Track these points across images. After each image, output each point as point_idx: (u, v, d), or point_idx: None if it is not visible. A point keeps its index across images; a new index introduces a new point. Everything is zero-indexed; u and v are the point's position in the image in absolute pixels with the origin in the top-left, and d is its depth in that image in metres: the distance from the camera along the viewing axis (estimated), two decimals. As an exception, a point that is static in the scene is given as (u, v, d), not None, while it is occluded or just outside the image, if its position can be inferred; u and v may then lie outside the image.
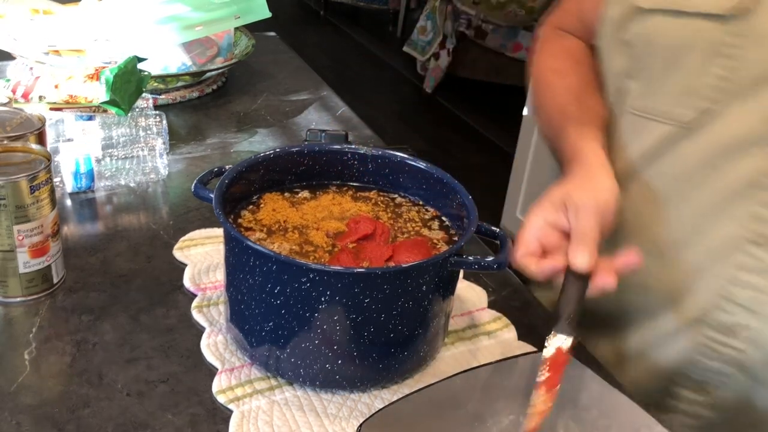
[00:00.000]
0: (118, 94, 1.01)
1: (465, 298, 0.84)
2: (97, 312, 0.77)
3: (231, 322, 0.71)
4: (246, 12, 1.34)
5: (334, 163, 0.82)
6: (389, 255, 0.70)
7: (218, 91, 1.37)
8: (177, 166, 1.09)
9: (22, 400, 0.65)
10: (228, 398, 0.67)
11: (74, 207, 0.96)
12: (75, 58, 1.22)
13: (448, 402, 0.65)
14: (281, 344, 0.67)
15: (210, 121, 1.25)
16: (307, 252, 0.71)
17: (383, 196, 0.82)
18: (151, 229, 0.92)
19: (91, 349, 0.72)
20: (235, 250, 0.67)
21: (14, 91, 1.03)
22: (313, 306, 0.64)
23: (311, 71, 1.55)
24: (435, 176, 0.79)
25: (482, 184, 3.19)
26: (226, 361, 0.71)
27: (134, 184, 1.02)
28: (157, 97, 1.23)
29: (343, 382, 0.68)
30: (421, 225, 0.78)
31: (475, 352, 0.77)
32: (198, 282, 0.82)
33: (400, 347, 0.68)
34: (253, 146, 1.18)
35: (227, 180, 0.72)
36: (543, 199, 0.69)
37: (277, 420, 0.66)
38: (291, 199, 0.79)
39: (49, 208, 0.75)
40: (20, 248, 0.74)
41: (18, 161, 0.75)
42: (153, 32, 1.25)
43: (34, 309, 0.76)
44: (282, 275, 0.63)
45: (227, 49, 1.37)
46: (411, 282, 0.65)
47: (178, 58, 1.28)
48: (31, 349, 0.71)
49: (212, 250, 0.88)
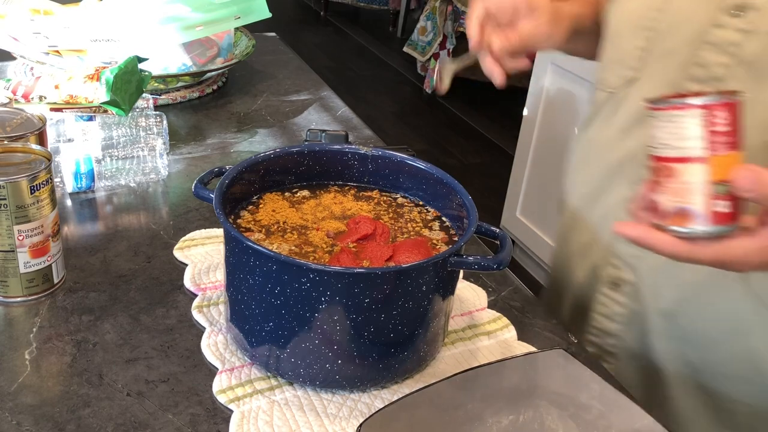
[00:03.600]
0: (118, 95, 1.01)
1: (465, 298, 0.84)
2: (97, 312, 0.77)
3: (231, 322, 0.71)
4: (246, 12, 1.34)
5: (334, 164, 0.82)
6: (389, 255, 0.70)
7: (218, 92, 1.37)
8: (177, 166, 1.09)
9: (23, 399, 0.65)
10: (228, 398, 0.67)
11: (74, 207, 0.96)
12: (75, 58, 1.23)
13: (448, 402, 0.65)
14: (281, 344, 0.67)
15: (210, 121, 1.25)
16: (306, 252, 0.71)
17: (385, 196, 0.82)
18: (151, 229, 0.92)
19: (92, 349, 0.72)
20: (236, 251, 0.67)
21: (15, 92, 1.03)
22: (313, 306, 0.64)
23: (311, 71, 1.55)
24: (435, 176, 0.79)
25: (482, 184, 3.19)
26: (226, 360, 0.71)
27: (134, 184, 1.02)
28: (158, 98, 1.24)
29: (343, 382, 0.68)
30: (421, 225, 0.78)
31: (474, 352, 0.77)
32: (198, 282, 0.82)
33: (400, 347, 0.68)
34: (253, 146, 1.19)
35: (227, 180, 0.72)
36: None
37: (277, 420, 0.66)
38: (291, 200, 0.79)
39: (50, 208, 0.75)
40: (21, 248, 0.74)
41: (18, 161, 0.75)
42: (153, 32, 1.25)
43: (35, 309, 0.77)
44: (282, 275, 0.63)
45: (227, 50, 1.37)
46: (411, 282, 0.65)
47: (179, 58, 1.28)
48: (32, 349, 0.71)
49: (212, 250, 0.88)
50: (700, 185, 0.56)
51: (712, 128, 0.55)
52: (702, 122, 0.55)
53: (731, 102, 0.55)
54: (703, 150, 0.55)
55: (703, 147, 0.55)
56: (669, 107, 0.57)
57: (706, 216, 0.56)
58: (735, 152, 0.56)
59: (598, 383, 0.68)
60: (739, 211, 0.57)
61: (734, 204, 0.56)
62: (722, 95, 0.55)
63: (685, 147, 0.56)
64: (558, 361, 0.70)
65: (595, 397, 0.67)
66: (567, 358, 0.70)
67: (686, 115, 0.56)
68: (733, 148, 0.56)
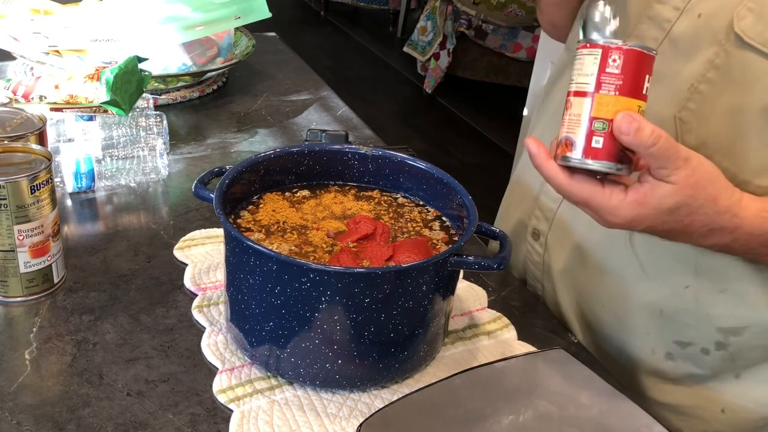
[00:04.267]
0: (118, 94, 1.01)
1: (465, 298, 0.84)
2: (97, 312, 0.77)
3: (231, 322, 0.71)
4: (246, 12, 1.34)
5: (334, 164, 0.82)
6: (389, 255, 0.70)
7: (218, 92, 1.37)
8: (177, 166, 1.09)
9: (23, 399, 0.65)
10: (228, 398, 0.67)
11: (75, 207, 0.96)
12: (75, 58, 1.23)
13: (448, 402, 0.65)
14: (281, 344, 0.67)
15: (210, 121, 1.25)
16: (306, 252, 0.71)
17: (386, 196, 0.82)
18: (151, 229, 0.92)
19: (92, 348, 0.72)
20: (236, 250, 0.67)
21: (15, 92, 1.03)
22: (313, 306, 0.64)
23: (311, 71, 1.55)
24: (435, 176, 0.79)
25: (482, 184, 3.19)
26: (226, 360, 0.71)
27: (134, 184, 1.02)
28: (158, 98, 1.23)
29: (343, 381, 0.68)
30: (422, 225, 0.78)
31: (474, 352, 0.77)
32: (198, 282, 0.82)
33: (400, 347, 0.68)
34: (253, 146, 1.19)
35: (227, 180, 0.72)
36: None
37: (277, 420, 0.66)
38: (291, 199, 0.79)
39: (50, 208, 0.75)
40: (21, 248, 0.74)
41: (18, 161, 0.75)
42: (153, 32, 1.25)
43: (35, 309, 0.77)
44: (282, 275, 0.63)
45: (227, 50, 1.37)
46: (411, 282, 0.65)
47: (179, 58, 1.28)
48: (32, 348, 0.71)
49: (212, 250, 0.88)
50: (585, 118, 0.60)
51: (605, 68, 0.59)
52: (598, 61, 0.60)
53: (632, 50, 0.59)
54: (593, 86, 0.60)
55: (594, 83, 0.60)
56: (582, 46, 0.61)
57: (583, 148, 0.61)
58: (625, 98, 0.59)
59: (598, 383, 0.68)
60: (615, 153, 0.60)
61: (611, 144, 0.60)
62: (630, 44, 0.59)
63: (583, 82, 0.61)
64: (558, 361, 0.70)
65: (595, 397, 0.67)
66: (567, 358, 0.70)
67: (590, 53, 0.60)
68: (623, 93, 0.59)
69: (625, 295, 0.82)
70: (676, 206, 0.61)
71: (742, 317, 0.76)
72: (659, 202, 0.61)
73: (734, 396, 0.80)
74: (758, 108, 0.67)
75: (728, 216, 0.64)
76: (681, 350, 0.80)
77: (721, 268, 0.75)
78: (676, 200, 0.61)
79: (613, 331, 0.85)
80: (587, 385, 0.68)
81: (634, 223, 0.62)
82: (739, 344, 0.77)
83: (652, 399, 0.84)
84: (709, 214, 0.63)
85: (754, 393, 0.79)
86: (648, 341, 0.82)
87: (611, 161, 0.60)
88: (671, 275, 0.78)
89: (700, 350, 0.79)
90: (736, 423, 0.80)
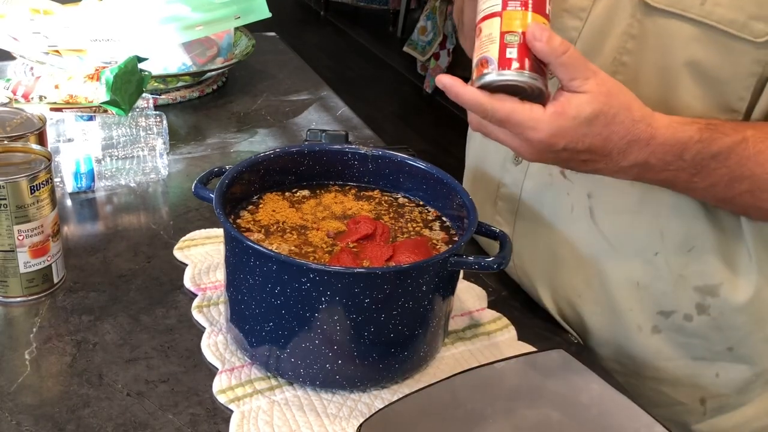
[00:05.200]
0: (118, 94, 1.01)
1: (465, 298, 0.84)
2: (97, 312, 0.77)
3: (231, 322, 0.71)
4: (246, 12, 1.34)
5: (334, 164, 0.82)
6: (389, 255, 0.70)
7: (218, 91, 1.37)
8: (177, 166, 1.09)
9: (23, 400, 0.65)
10: (228, 398, 0.67)
11: (74, 207, 0.96)
12: (75, 58, 1.22)
13: (448, 402, 0.65)
14: (281, 344, 0.67)
15: (210, 121, 1.25)
16: (306, 253, 0.71)
17: (386, 196, 0.82)
18: (151, 229, 0.92)
19: (91, 349, 0.72)
20: (236, 250, 0.67)
21: (15, 92, 1.03)
22: (313, 306, 0.64)
23: (311, 71, 1.55)
24: (435, 176, 0.79)
25: (482, 184, 3.18)
26: (226, 361, 0.71)
27: (134, 184, 1.02)
28: (158, 97, 1.23)
29: (343, 382, 0.68)
30: (422, 225, 0.78)
31: (474, 352, 0.77)
32: (198, 282, 0.82)
33: (400, 347, 0.68)
34: (253, 146, 1.19)
35: (227, 180, 0.72)
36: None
37: (277, 420, 0.66)
38: (291, 200, 0.79)
39: (50, 208, 0.75)
40: (20, 248, 0.74)
41: (18, 161, 0.75)
42: (153, 32, 1.25)
43: (35, 309, 0.77)
44: (282, 275, 0.63)
45: (227, 49, 1.37)
46: (411, 282, 0.65)
47: (179, 58, 1.28)
48: (32, 349, 0.71)
49: (212, 250, 0.88)
50: (496, 34, 0.62)
51: None
52: None
53: None
54: (500, 5, 0.62)
55: (501, 3, 0.62)
56: None
57: (498, 60, 0.62)
58: (532, 13, 0.62)
59: (598, 383, 0.68)
60: (530, 64, 0.62)
61: (525, 54, 0.61)
62: None
63: (489, 5, 0.63)
64: (558, 361, 0.70)
65: (595, 397, 0.67)
66: (567, 358, 0.70)
67: None
68: (529, 9, 0.62)
69: (599, 276, 0.82)
70: (594, 114, 0.63)
71: (713, 274, 0.78)
72: (577, 111, 0.62)
73: (727, 362, 0.82)
74: (681, 65, 0.70)
75: (643, 125, 0.65)
76: (665, 320, 0.81)
77: (684, 226, 0.77)
78: (594, 108, 0.63)
79: (596, 319, 0.85)
80: (587, 385, 0.68)
81: (555, 138, 0.63)
82: (720, 307, 0.79)
83: (647, 376, 0.84)
84: (626, 123, 0.64)
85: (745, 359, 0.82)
86: (632, 318, 0.82)
87: (526, 70, 0.62)
88: (639, 244, 0.80)
89: (684, 317, 0.80)
90: (730, 382, 0.83)
